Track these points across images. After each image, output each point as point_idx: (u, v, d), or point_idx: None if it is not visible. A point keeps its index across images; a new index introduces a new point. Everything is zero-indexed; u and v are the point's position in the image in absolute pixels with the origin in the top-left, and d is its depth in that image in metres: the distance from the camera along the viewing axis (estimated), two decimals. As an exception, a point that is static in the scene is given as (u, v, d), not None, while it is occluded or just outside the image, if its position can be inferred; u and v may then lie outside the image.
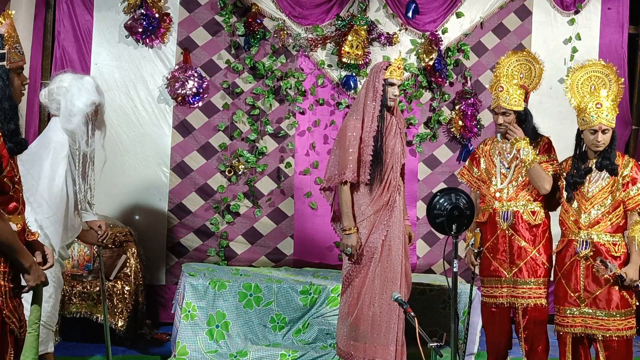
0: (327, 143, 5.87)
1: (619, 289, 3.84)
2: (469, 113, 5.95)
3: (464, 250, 4.48)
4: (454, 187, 3.95)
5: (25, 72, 2.81)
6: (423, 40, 5.95)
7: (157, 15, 5.50)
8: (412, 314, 3.10)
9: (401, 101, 5.83)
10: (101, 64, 5.54)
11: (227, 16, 5.67)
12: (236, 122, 5.72)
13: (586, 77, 4.06)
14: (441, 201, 3.45)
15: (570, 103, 4.05)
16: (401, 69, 4.13)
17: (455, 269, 3.27)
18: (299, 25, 5.79)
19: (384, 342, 4.04)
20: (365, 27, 5.77)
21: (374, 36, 5.85)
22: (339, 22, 5.80)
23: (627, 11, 6.29)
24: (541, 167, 4.09)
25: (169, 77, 5.58)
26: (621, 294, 3.85)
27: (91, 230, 3.95)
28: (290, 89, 5.79)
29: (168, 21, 5.58)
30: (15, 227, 2.60)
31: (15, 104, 2.67)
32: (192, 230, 5.67)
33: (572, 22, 6.21)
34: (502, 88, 4.16)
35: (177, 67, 5.60)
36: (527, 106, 4.24)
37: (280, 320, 4.85)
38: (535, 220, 4.15)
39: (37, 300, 2.77)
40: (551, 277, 4.22)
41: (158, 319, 5.57)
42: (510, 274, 4.16)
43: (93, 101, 3.71)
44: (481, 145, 4.44)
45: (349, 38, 5.74)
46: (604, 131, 3.84)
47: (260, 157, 5.76)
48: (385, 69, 4.10)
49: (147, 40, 5.55)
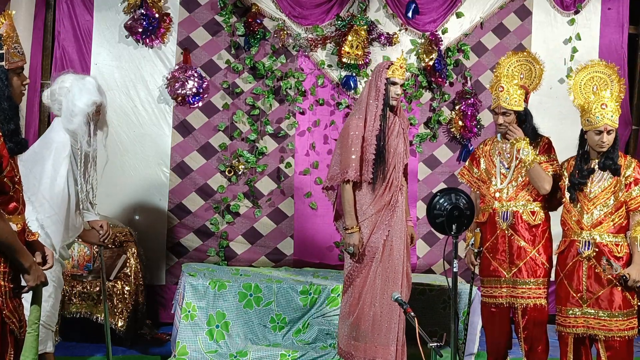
0: (327, 143, 5.87)
1: (622, 289, 3.84)
2: (469, 113, 5.94)
3: (463, 250, 4.48)
4: (454, 187, 3.95)
5: (25, 72, 2.81)
6: (423, 40, 5.95)
7: (157, 15, 5.50)
8: (412, 314, 3.10)
9: (401, 101, 5.83)
10: (101, 64, 5.54)
11: (227, 16, 5.67)
12: (236, 122, 5.72)
13: (589, 78, 4.05)
14: (441, 201, 3.45)
15: (574, 104, 4.04)
16: (404, 68, 4.13)
17: (455, 269, 3.27)
18: (299, 25, 5.79)
19: (385, 342, 4.04)
20: (365, 27, 5.77)
21: (374, 36, 5.84)
22: (339, 22, 5.80)
23: (627, 11, 6.29)
24: (541, 168, 4.09)
25: (169, 77, 5.58)
26: (623, 294, 3.85)
27: (93, 230, 3.96)
28: (290, 89, 5.79)
29: (168, 21, 5.58)
30: (15, 227, 2.60)
31: (15, 104, 2.67)
32: (192, 230, 5.68)
33: (572, 22, 6.20)
34: (502, 88, 4.16)
35: (177, 67, 5.60)
36: (527, 106, 4.24)
37: (280, 320, 4.85)
38: (534, 221, 4.15)
39: (36, 300, 2.77)
40: (551, 277, 4.23)
41: (158, 319, 5.57)
42: (510, 274, 4.16)
43: (94, 101, 3.72)
44: (481, 146, 4.44)
45: (349, 38, 5.74)
46: (609, 132, 3.84)
47: (260, 157, 5.76)
48: (387, 68, 4.11)
49: (147, 40, 5.55)
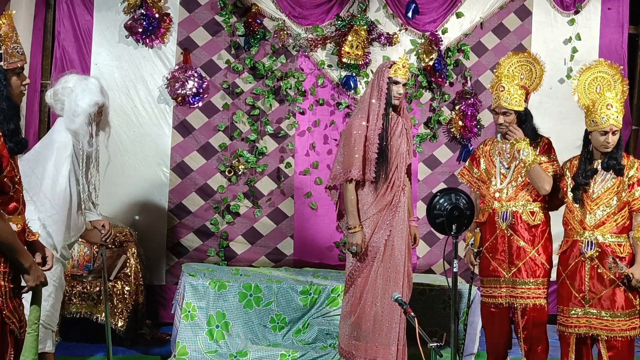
0: (327, 143, 5.87)
1: (624, 289, 3.84)
2: (469, 113, 5.94)
3: (463, 250, 4.48)
4: (454, 187, 3.95)
5: (25, 72, 2.81)
6: (423, 41, 5.95)
7: (157, 15, 5.50)
8: (412, 314, 3.10)
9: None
10: (101, 64, 5.54)
11: (227, 16, 5.67)
12: (236, 122, 5.72)
13: (593, 78, 4.04)
14: (441, 201, 3.46)
15: (578, 104, 4.03)
16: (406, 68, 4.13)
17: (455, 269, 3.27)
18: (299, 25, 5.79)
19: (386, 342, 4.04)
20: (365, 27, 5.77)
21: (374, 36, 5.84)
22: (339, 22, 5.80)
23: (627, 11, 6.29)
24: (541, 168, 4.09)
25: (169, 77, 5.58)
26: (626, 294, 3.84)
27: (95, 229, 3.98)
28: (290, 89, 5.79)
29: (168, 21, 5.58)
30: (15, 227, 2.60)
31: (15, 104, 2.67)
32: (192, 230, 5.67)
33: (572, 22, 6.20)
34: (503, 88, 4.16)
35: (177, 67, 5.60)
36: (527, 106, 4.24)
37: (280, 321, 4.85)
38: (534, 221, 4.15)
39: (36, 300, 2.77)
40: (551, 278, 4.23)
41: (158, 319, 5.57)
42: (509, 274, 4.16)
43: (96, 102, 3.74)
44: (481, 146, 4.44)
45: (349, 38, 5.74)
46: (614, 132, 3.84)
47: (260, 157, 5.76)
48: (389, 67, 4.11)
49: (147, 40, 5.55)
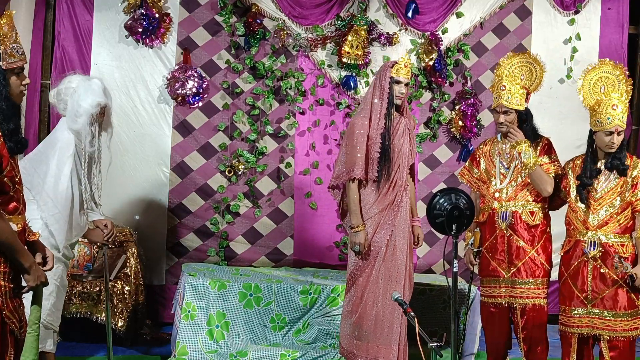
0: (327, 143, 5.87)
1: (627, 290, 3.84)
2: (469, 113, 5.94)
3: (463, 250, 4.48)
4: (454, 187, 3.95)
5: (25, 72, 2.80)
6: (423, 40, 5.95)
7: (157, 15, 5.50)
8: (412, 314, 3.10)
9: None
10: (101, 64, 5.53)
11: (227, 16, 5.67)
12: (236, 122, 5.72)
13: (597, 78, 4.04)
14: (441, 201, 3.46)
15: (583, 104, 4.02)
16: (408, 68, 4.13)
17: (455, 269, 3.27)
18: (299, 25, 5.79)
19: (387, 342, 4.04)
20: (365, 27, 5.77)
21: (374, 36, 5.84)
22: (339, 22, 5.80)
23: (627, 11, 6.29)
24: (542, 170, 4.09)
25: (169, 77, 5.58)
26: (628, 295, 3.84)
27: (97, 228, 4.01)
28: (290, 89, 5.79)
29: (168, 21, 5.58)
30: (15, 227, 2.60)
31: (15, 103, 2.66)
32: (192, 230, 5.68)
33: (572, 22, 6.20)
34: (504, 87, 4.16)
35: (177, 67, 5.60)
36: (527, 106, 4.24)
37: (280, 320, 4.85)
38: (533, 221, 4.14)
39: (37, 300, 2.76)
40: (551, 278, 4.22)
41: (158, 319, 5.57)
42: (509, 274, 4.15)
43: (98, 102, 3.78)
44: (481, 146, 4.44)
45: (349, 38, 5.74)
46: (619, 133, 3.83)
47: (260, 157, 5.76)
48: (391, 67, 4.12)
49: (147, 40, 5.55)
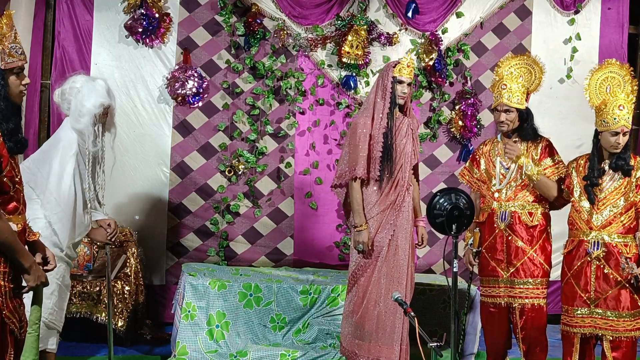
0: (327, 143, 5.87)
1: (630, 290, 3.83)
2: (469, 113, 5.94)
3: (462, 250, 4.48)
4: (454, 187, 3.96)
5: (24, 72, 2.80)
6: (423, 40, 5.95)
7: (157, 15, 5.50)
8: (412, 314, 3.10)
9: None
10: (101, 64, 5.54)
11: (227, 16, 5.66)
12: (236, 122, 5.72)
13: (603, 78, 4.03)
14: (441, 201, 3.46)
15: (589, 104, 4.02)
16: (411, 67, 4.14)
17: (455, 269, 3.28)
18: (299, 25, 5.79)
19: (389, 342, 4.04)
20: (365, 27, 5.76)
21: (374, 36, 5.84)
22: (339, 22, 5.80)
23: (627, 11, 6.29)
24: (546, 177, 4.09)
25: (169, 77, 5.58)
26: (631, 295, 3.84)
27: (100, 228, 4.03)
28: (290, 89, 5.79)
29: (168, 21, 5.58)
30: (15, 227, 2.60)
31: (14, 103, 2.66)
32: (192, 230, 5.68)
33: (572, 22, 6.20)
34: (505, 86, 4.17)
35: (177, 67, 5.60)
36: (527, 106, 4.24)
37: (280, 320, 4.85)
38: (532, 221, 4.14)
39: (37, 300, 2.76)
40: (550, 278, 4.22)
41: (158, 319, 5.57)
42: (508, 274, 4.16)
43: (102, 103, 3.81)
44: (481, 146, 4.45)
45: (349, 38, 5.74)
46: (624, 133, 3.82)
47: (260, 157, 5.76)
48: (394, 67, 4.13)
49: (147, 40, 5.55)
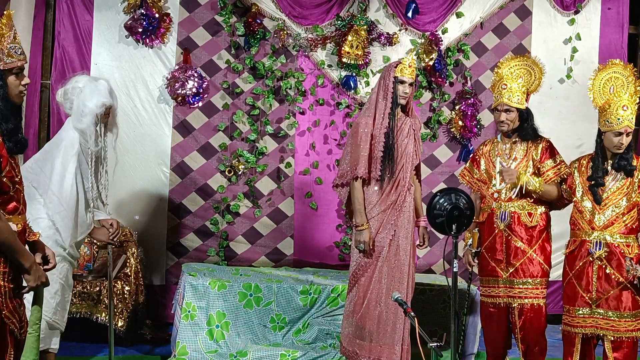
0: (327, 143, 5.87)
1: (633, 291, 3.83)
2: (469, 113, 5.94)
3: (462, 250, 4.47)
4: (454, 187, 3.96)
5: (24, 72, 2.80)
6: (423, 40, 5.95)
7: (157, 15, 5.50)
8: (412, 314, 3.10)
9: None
10: (101, 64, 5.54)
11: (227, 16, 5.66)
12: (236, 122, 5.72)
13: (607, 78, 4.03)
14: (441, 201, 3.46)
15: (593, 104, 4.02)
16: (412, 67, 4.14)
17: (455, 269, 3.28)
18: (299, 25, 5.79)
19: (390, 342, 4.05)
20: (365, 27, 5.76)
21: (374, 36, 5.84)
22: (339, 22, 5.80)
23: (627, 11, 6.29)
24: (547, 184, 4.11)
25: (169, 77, 5.58)
26: (633, 295, 3.84)
27: (103, 227, 4.04)
28: (290, 89, 5.79)
29: (168, 21, 5.57)
30: (15, 227, 2.59)
31: (14, 103, 2.65)
32: (192, 230, 5.68)
33: (572, 22, 6.20)
34: (505, 85, 4.18)
35: (177, 67, 5.60)
36: (527, 106, 4.25)
37: (280, 320, 4.85)
38: (531, 222, 4.15)
39: (37, 301, 2.76)
40: (550, 278, 4.23)
41: (158, 319, 5.57)
42: (507, 274, 4.16)
43: (103, 103, 3.83)
44: (481, 147, 4.45)
45: (349, 38, 5.74)
46: (628, 134, 3.82)
47: (260, 157, 5.76)
48: (395, 67, 4.14)
49: (147, 40, 5.55)
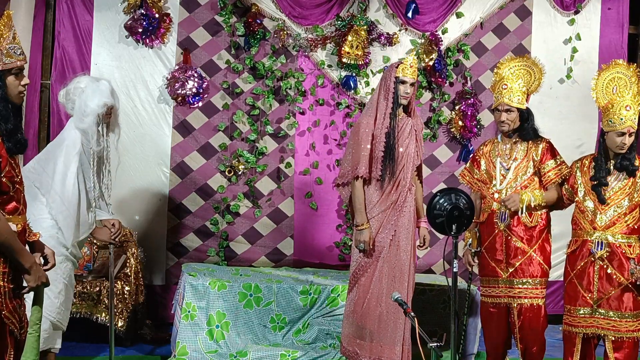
0: (327, 143, 5.87)
1: (635, 291, 3.82)
2: (469, 113, 5.94)
3: (461, 250, 4.47)
4: (454, 187, 3.95)
5: (24, 72, 2.79)
6: (423, 41, 5.95)
7: (157, 16, 5.50)
8: (412, 314, 3.10)
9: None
10: (101, 64, 5.54)
11: (227, 16, 5.66)
12: (236, 122, 5.72)
13: (610, 78, 4.03)
14: (441, 201, 3.46)
15: (596, 104, 4.02)
16: (413, 68, 4.13)
17: (455, 269, 3.28)
18: (299, 25, 5.79)
19: (391, 342, 4.05)
20: (365, 27, 5.76)
21: (374, 36, 5.84)
22: (339, 22, 5.80)
23: (627, 11, 6.29)
24: (548, 194, 4.11)
25: (169, 77, 5.58)
26: (634, 295, 3.84)
27: (105, 227, 4.07)
28: (290, 89, 5.79)
29: (168, 21, 5.58)
30: (15, 227, 2.59)
31: (13, 104, 2.65)
32: (192, 230, 5.68)
33: (572, 22, 6.20)
34: (506, 85, 4.19)
35: (177, 67, 5.60)
36: (527, 106, 4.25)
37: (280, 320, 4.85)
38: (532, 222, 4.15)
39: (38, 301, 2.76)
40: (549, 278, 4.23)
41: (158, 319, 5.57)
42: (507, 274, 4.16)
43: (105, 103, 3.85)
44: (481, 147, 4.45)
45: (349, 38, 5.74)
46: (630, 134, 3.82)
47: (260, 157, 5.76)
48: (397, 67, 4.13)
49: (147, 41, 5.55)
